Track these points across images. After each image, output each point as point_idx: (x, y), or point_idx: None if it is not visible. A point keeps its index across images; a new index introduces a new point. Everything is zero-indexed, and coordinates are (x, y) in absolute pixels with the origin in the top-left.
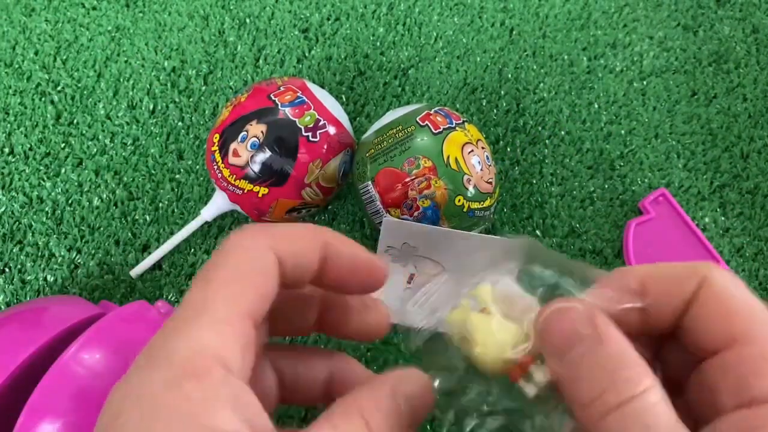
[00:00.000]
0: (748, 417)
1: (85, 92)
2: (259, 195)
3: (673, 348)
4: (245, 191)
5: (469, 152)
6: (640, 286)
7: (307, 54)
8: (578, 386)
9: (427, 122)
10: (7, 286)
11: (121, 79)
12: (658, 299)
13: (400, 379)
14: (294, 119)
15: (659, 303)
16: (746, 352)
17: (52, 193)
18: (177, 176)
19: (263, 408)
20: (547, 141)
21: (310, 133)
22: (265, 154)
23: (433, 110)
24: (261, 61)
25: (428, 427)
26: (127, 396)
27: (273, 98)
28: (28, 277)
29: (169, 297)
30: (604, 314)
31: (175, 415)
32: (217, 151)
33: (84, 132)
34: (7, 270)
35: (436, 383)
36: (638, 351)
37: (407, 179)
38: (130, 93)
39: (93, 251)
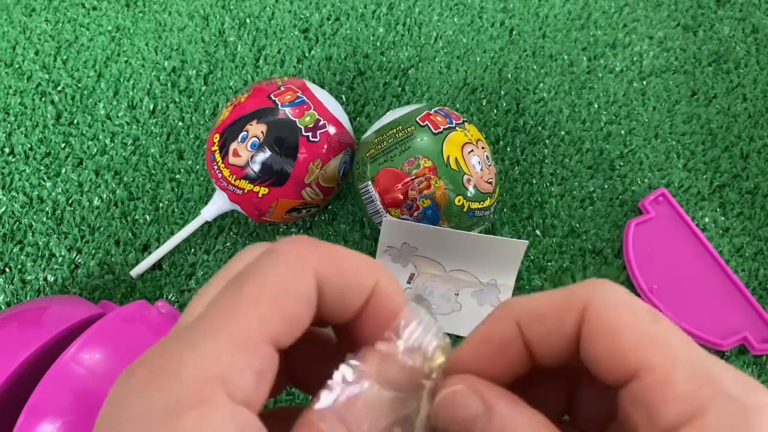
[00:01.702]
0: None
1: (85, 92)
2: (259, 195)
3: (591, 383)
4: (245, 191)
5: (469, 152)
6: (518, 331)
7: (307, 54)
8: None
9: (427, 122)
10: (7, 286)
11: (122, 79)
12: (539, 343)
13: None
14: (294, 119)
15: (542, 347)
16: (648, 382)
17: (53, 193)
18: (177, 176)
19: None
20: (547, 141)
21: (310, 133)
22: (265, 154)
23: (433, 110)
24: (261, 61)
25: None
26: (124, 417)
27: (273, 98)
28: (29, 277)
29: (170, 297)
30: (489, 383)
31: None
32: (217, 151)
33: (84, 132)
34: (7, 270)
35: None
36: (549, 395)
37: (407, 179)
38: (130, 93)
39: (93, 251)
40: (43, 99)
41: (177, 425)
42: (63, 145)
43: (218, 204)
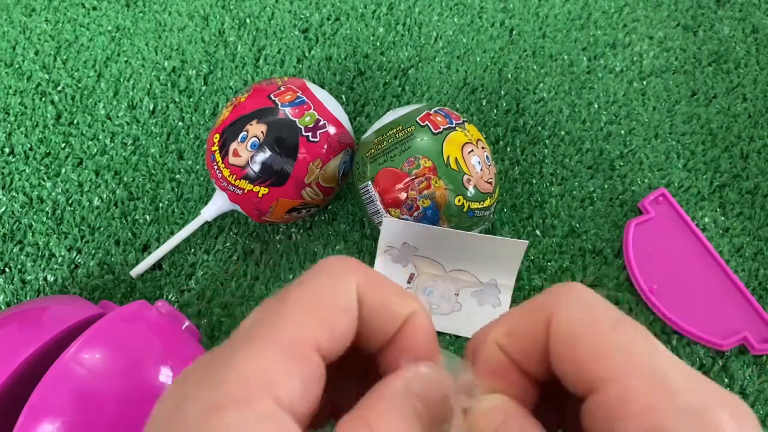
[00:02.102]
0: None
1: (85, 92)
2: (259, 195)
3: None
4: (245, 191)
5: (469, 152)
6: (502, 346)
7: (307, 54)
8: None
9: (427, 122)
10: (7, 286)
11: (121, 79)
12: (525, 361)
13: (411, 377)
14: (294, 119)
15: (530, 364)
16: (605, 397)
17: (53, 193)
18: (177, 176)
19: None
20: (547, 141)
21: (310, 133)
22: (265, 154)
23: (433, 110)
24: (261, 61)
25: None
26: (174, 414)
27: (273, 98)
28: (28, 277)
29: (169, 297)
30: (507, 403)
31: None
32: (217, 151)
33: (84, 132)
34: (7, 270)
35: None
36: (546, 409)
37: (407, 179)
38: (130, 93)
39: (93, 251)
40: (43, 99)
41: (219, 420)
42: (63, 145)
43: (218, 204)
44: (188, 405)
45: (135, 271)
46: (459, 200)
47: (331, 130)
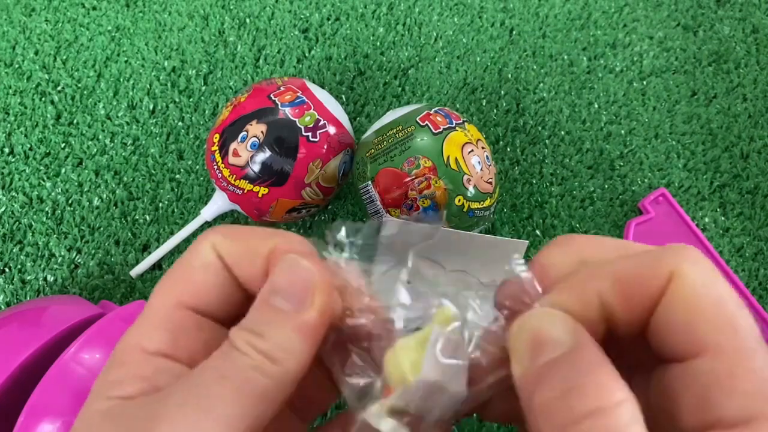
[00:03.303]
0: None
1: (85, 92)
2: (259, 195)
3: (638, 342)
4: (245, 191)
5: (469, 152)
6: (604, 294)
7: (307, 54)
8: (541, 388)
9: (427, 122)
10: (7, 286)
11: (121, 79)
12: (623, 306)
13: (270, 276)
14: (294, 119)
15: (624, 310)
16: (712, 366)
17: (52, 193)
18: (177, 176)
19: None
20: (547, 141)
21: (310, 133)
22: (265, 154)
23: (433, 110)
24: (261, 61)
25: None
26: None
27: (273, 98)
28: (28, 277)
29: None
30: (583, 329)
31: (92, 396)
32: (217, 151)
33: (84, 132)
34: (7, 270)
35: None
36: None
37: (407, 179)
38: (130, 93)
39: (93, 251)
40: (43, 99)
41: (103, 380)
42: (63, 145)
43: (218, 204)
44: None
45: (135, 271)
46: (459, 200)
47: (331, 130)
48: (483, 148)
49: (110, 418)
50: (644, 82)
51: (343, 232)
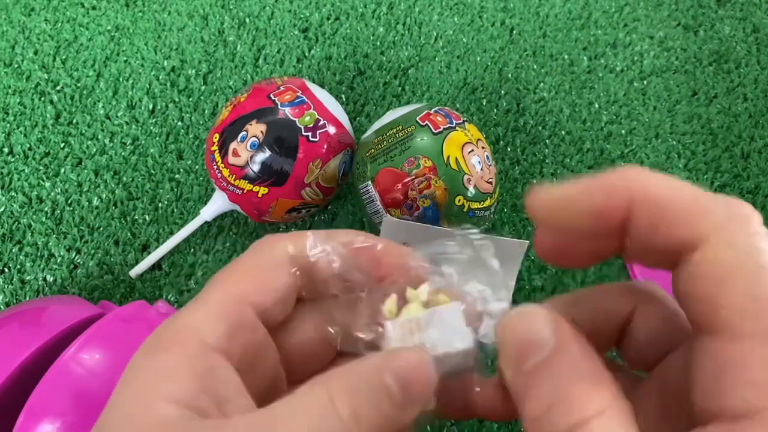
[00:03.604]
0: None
1: (84, 92)
2: (259, 195)
3: (641, 329)
4: (245, 191)
5: (469, 152)
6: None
7: (307, 54)
8: (529, 399)
9: (427, 122)
10: (6, 286)
11: (121, 79)
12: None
13: (391, 355)
14: (294, 119)
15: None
16: (727, 349)
17: (52, 193)
18: (177, 176)
19: (245, 388)
20: (547, 141)
21: (310, 133)
22: (265, 154)
23: (433, 110)
24: (261, 61)
25: (428, 428)
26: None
27: (273, 98)
28: (28, 277)
29: (169, 297)
30: (567, 323)
31: (138, 384)
32: (217, 151)
33: (83, 132)
34: (6, 270)
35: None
36: (603, 324)
37: (407, 179)
38: (130, 93)
39: (92, 251)
40: (43, 99)
41: (149, 362)
42: (62, 144)
43: (218, 204)
44: (136, 354)
45: (134, 272)
46: (459, 200)
47: (331, 130)
48: (483, 148)
49: None
50: (645, 82)
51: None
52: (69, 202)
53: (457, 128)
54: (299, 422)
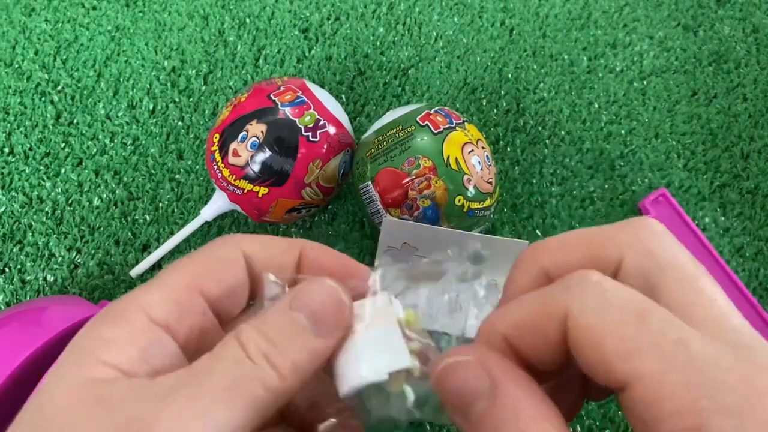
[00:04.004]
0: None
1: (85, 92)
2: (259, 195)
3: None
4: (245, 191)
5: (469, 152)
6: (509, 338)
7: (307, 54)
8: None
9: (427, 122)
10: (7, 286)
11: (121, 79)
12: (531, 353)
13: (296, 290)
14: (294, 119)
15: (535, 356)
16: (641, 394)
17: (52, 193)
18: (177, 176)
19: (187, 361)
20: (547, 141)
21: (310, 133)
22: (265, 154)
23: (433, 110)
24: (261, 61)
25: (428, 426)
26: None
27: (273, 98)
28: (28, 277)
29: None
30: (501, 360)
31: (79, 350)
32: (217, 151)
33: (84, 132)
34: (7, 270)
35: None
36: (564, 392)
37: (407, 179)
38: (130, 93)
39: (93, 251)
40: (43, 99)
41: (93, 332)
42: (63, 145)
43: (218, 204)
44: (84, 326)
45: (135, 271)
46: (459, 200)
47: (331, 130)
48: (483, 148)
49: (104, 403)
50: (644, 82)
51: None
52: (69, 202)
53: (457, 128)
54: (217, 373)
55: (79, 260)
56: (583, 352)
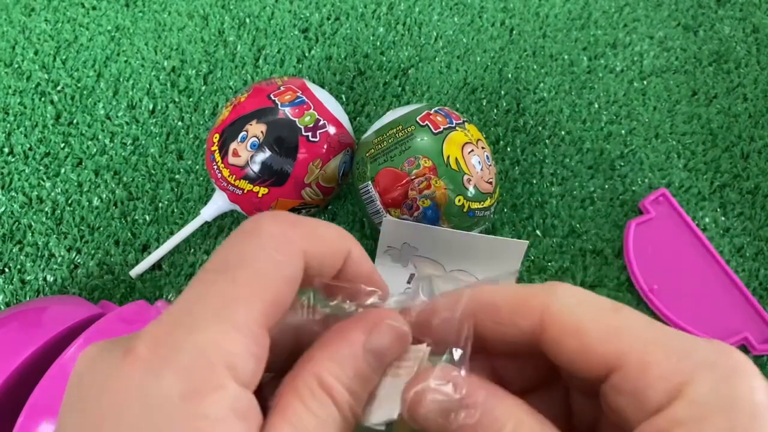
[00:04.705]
0: (656, 425)
1: (84, 92)
2: (259, 195)
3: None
4: (245, 191)
5: (469, 152)
6: (479, 313)
7: (307, 54)
8: None
9: (427, 122)
10: (6, 286)
11: (121, 79)
12: (495, 339)
13: (370, 330)
14: (294, 119)
15: (498, 343)
16: (627, 371)
17: (52, 193)
18: (177, 176)
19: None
20: (547, 141)
21: (310, 133)
22: (265, 154)
23: (433, 110)
24: (261, 61)
25: None
26: (131, 393)
27: (273, 98)
28: (28, 277)
29: (169, 297)
30: (467, 374)
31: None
32: (217, 151)
33: (84, 132)
34: (6, 270)
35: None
36: (533, 365)
37: (407, 179)
38: (130, 93)
39: (93, 251)
40: (43, 99)
41: (194, 409)
42: (62, 145)
43: (218, 204)
44: (153, 389)
45: (134, 272)
46: (459, 200)
47: (331, 130)
48: (483, 148)
49: None
50: (644, 82)
51: None
52: (69, 202)
53: (457, 128)
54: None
55: (78, 260)
56: (564, 342)
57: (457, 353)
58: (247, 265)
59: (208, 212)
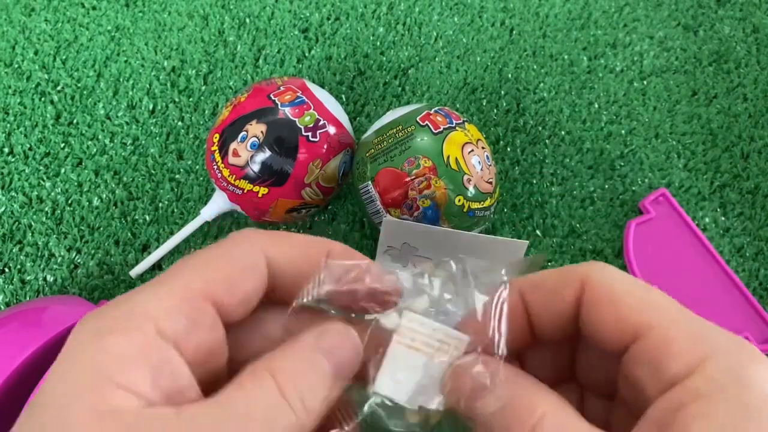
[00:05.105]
0: (673, 397)
1: (84, 92)
2: (259, 195)
3: (592, 350)
4: (245, 191)
5: (470, 152)
6: (525, 294)
7: (307, 54)
8: None
9: (427, 122)
10: (6, 286)
11: (121, 79)
12: (541, 311)
13: (320, 333)
14: (294, 119)
15: (543, 315)
16: (650, 341)
17: (52, 193)
18: (177, 176)
19: (195, 382)
20: (547, 141)
21: (310, 133)
22: (265, 154)
23: (433, 110)
24: (261, 61)
25: None
26: (67, 343)
27: (273, 98)
28: (28, 277)
29: None
30: (494, 359)
31: (88, 366)
32: (217, 151)
33: (84, 132)
34: (6, 270)
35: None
36: (553, 362)
37: (407, 179)
38: (130, 93)
39: (93, 251)
40: (43, 99)
41: (99, 344)
42: (62, 145)
43: (218, 204)
44: (80, 330)
45: (135, 272)
46: (459, 200)
47: (331, 130)
48: (483, 148)
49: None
50: (644, 82)
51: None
52: (69, 202)
53: (457, 128)
54: (253, 417)
55: (78, 260)
56: (599, 309)
57: (498, 344)
58: (202, 254)
59: (208, 212)
